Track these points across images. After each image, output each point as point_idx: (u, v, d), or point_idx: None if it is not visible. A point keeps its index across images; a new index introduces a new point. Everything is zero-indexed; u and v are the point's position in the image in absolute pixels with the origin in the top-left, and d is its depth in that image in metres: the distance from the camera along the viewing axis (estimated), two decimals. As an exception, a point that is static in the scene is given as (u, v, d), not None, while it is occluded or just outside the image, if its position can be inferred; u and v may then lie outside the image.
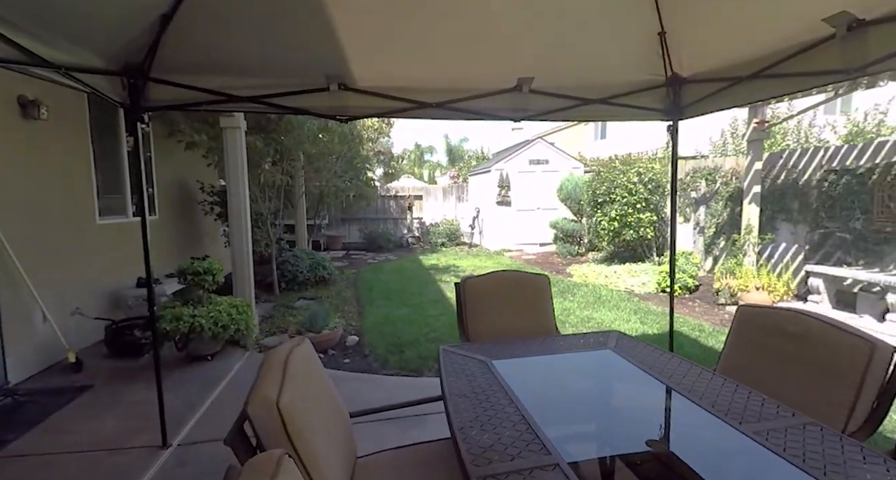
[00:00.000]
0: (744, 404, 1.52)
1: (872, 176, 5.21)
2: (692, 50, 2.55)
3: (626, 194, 7.41)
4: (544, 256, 10.49)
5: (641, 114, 3.05)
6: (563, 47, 2.58)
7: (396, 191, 13.44)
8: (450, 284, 7.27)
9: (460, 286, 2.66)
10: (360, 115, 2.74)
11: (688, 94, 2.87)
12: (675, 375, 1.82)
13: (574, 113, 2.98)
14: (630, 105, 2.95)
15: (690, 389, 1.66)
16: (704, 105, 2.82)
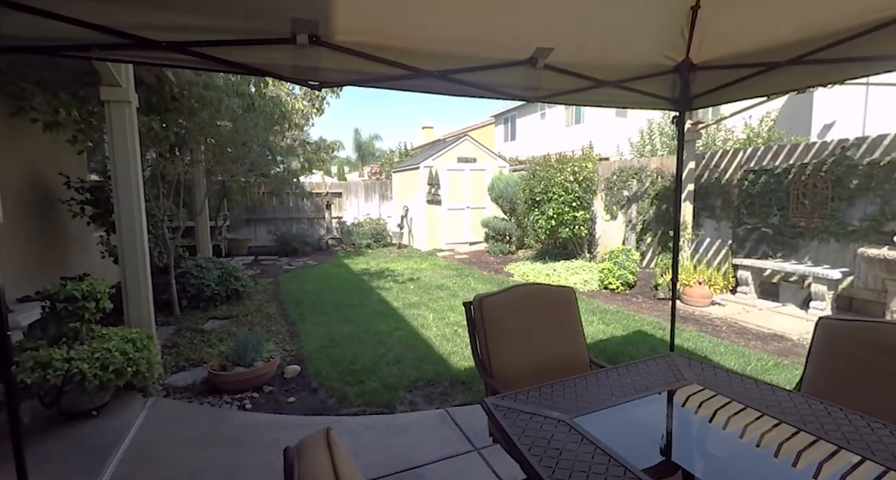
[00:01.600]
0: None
1: (788, 175, 5.70)
2: (724, 28, 2.27)
3: (563, 193, 7.39)
4: (476, 255, 10.24)
5: (649, 102, 2.75)
6: (586, 16, 2.14)
7: (313, 188, 12.21)
8: (390, 291, 6.58)
9: (475, 307, 2.09)
10: (336, 82, 2.02)
11: (700, 83, 2.62)
12: (785, 408, 1.47)
13: (586, 96, 2.57)
14: (643, 91, 2.62)
15: (823, 428, 1.32)
16: (719, 95, 2.60)
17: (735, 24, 2.23)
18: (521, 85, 2.32)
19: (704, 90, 2.64)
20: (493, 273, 8.07)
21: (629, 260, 6.49)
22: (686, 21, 2.24)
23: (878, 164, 4.83)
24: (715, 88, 2.57)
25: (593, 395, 1.64)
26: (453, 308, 5.58)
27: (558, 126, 19.97)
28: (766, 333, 4.59)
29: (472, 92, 2.23)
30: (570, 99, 2.59)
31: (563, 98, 2.56)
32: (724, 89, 2.55)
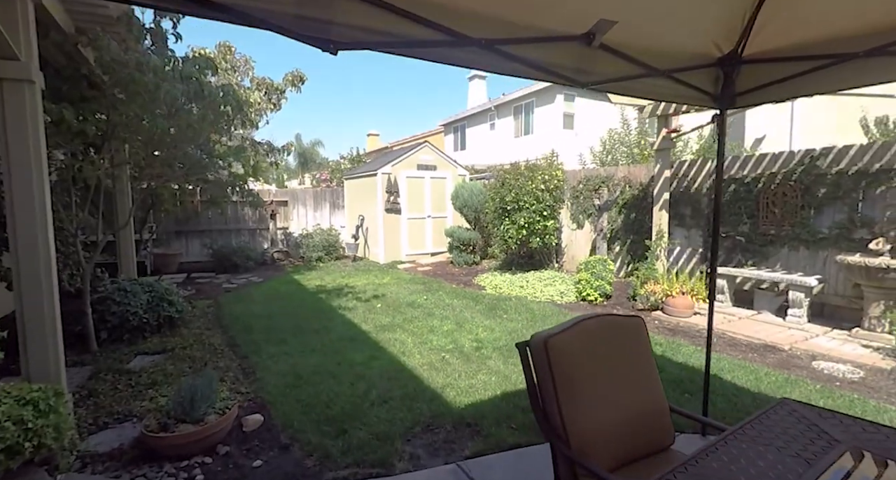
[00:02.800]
0: None
1: (758, 184, 5.79)
2: (794, 13, 1.98)
3: (534, 201, 7.12)
4: (440, 266, 9.73)
5: (691, 96, 2.43)
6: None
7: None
8: (356, 311, 5.89)
9: (536, 350, 1.59)
10: (353, 42, 1.45)
11: (748, 78, 2.34)
12: None
13: (633, 85, 2.21)
14: (689, 83, 2.30)
15: None
16: (769, 92, 2.33)
17: (808, 8, 1.94)
18: (572, 66, 1.89)
19: (752, 86, 2.36)
20: (464, 286, 7.61)
21: (606, 271, 6.31)
22: (752, 2, 1.93)
23: (846, 174, 4.98)
24: (766, 84, 2.30)
25: (727, 468, 1.19)
26: (433, 329, 5.02)
27: (508, 136, 20.11)
28: (758, 344, 4.50)
29: (519, 70, 1.76)
30: (618, 86, 2.22)
31: (612, 86, 2.17)
32: (776, 86, 2.28)
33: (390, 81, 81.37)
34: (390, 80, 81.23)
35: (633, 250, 7.35)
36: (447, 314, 5.63)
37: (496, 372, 3.80)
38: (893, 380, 3.53)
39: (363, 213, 10.99)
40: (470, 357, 4.17)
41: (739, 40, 2.15)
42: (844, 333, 4.65)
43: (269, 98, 5.91)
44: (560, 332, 1.62)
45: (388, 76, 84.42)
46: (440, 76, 75.55)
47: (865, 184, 4.86)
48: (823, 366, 3.85)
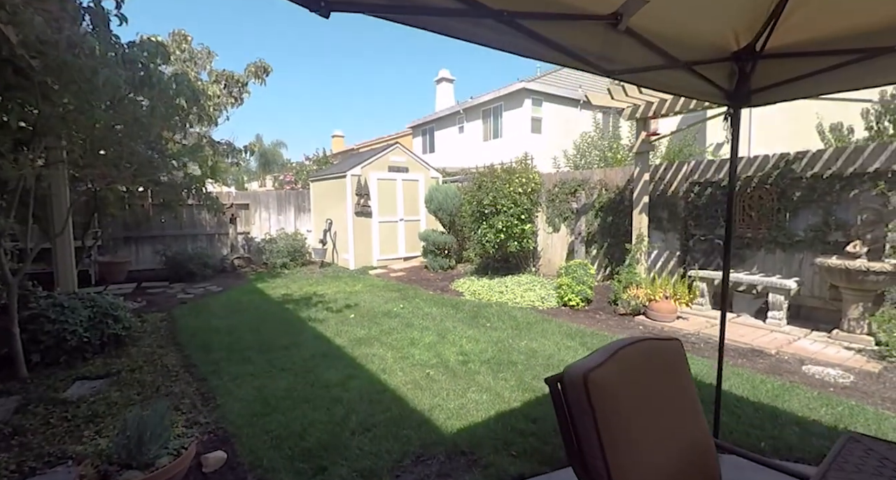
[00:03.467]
0: None
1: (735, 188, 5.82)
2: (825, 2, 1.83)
3: (512, 205, 6.94)
4: (414, 271, 9.39)
5: (705, 92, 2.25)
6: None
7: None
8: (327, 324, 5.48)
9: (574, 387, 1.31)
10: (347, 3, 1.13)
11: (765, 74, 2.19)
12: None
13: (652, 77, 1.99)
14: (707, 78, 2.11)
15: None
16: (788, 90, 2.18)
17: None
18: (596, 52, 1.65)
19: (769, 83, 2.21)
20: (441, 292, 7.31)
21: (587, 275, 6.19)
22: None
23: (821, 177, 5.06)
24: (785, 81, 2.15)
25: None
26: (414, 342, 4.70)
27: (477, 140, 20.03)
28: (744, 348, 4.46)
29: (539, 51, 1.50)
30: (638, 78, 2.03)
31: (634, 77, 1.97)
32: (795, 83, 2.13)
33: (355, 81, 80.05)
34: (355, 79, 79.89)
35: (611, 253, 7.30)
36: (427, 324, 5.31)
37: (487, 390, 3.52)
38: (884, 384, 3.52)
39: (331, 217, 10.50)
40: (457, 372, 3.88)
41: (760, 32, 1.98)
42: (824, 335, 4.69)
43: (230, 91, 5.35)
44: (599, 365, 1.35)
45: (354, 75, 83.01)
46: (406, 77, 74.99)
47: (839, 187, 4.94)
48: (814, 371, 3.82)
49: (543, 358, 4.16)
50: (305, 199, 12.09)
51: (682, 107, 5.32)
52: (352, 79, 78.95)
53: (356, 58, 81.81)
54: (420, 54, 69.87)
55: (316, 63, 77.30)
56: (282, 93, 75.19)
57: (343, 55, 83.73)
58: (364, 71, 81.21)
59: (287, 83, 72.01)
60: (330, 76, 79.68)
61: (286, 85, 74.11)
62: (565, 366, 1.39)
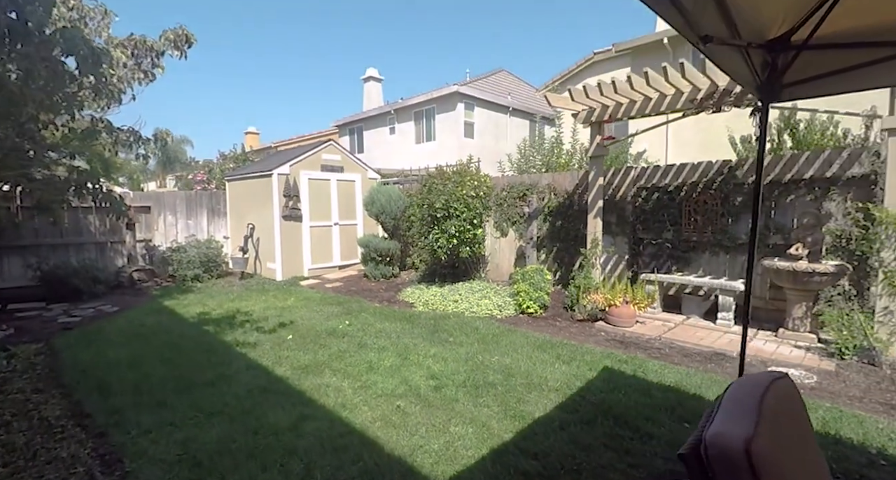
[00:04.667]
0: None
1: (680, 193, 5.99)
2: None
3: (465, 209, 6.58)
4: (353, 281, 8.63)
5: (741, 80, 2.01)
6: None
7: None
8: (261, 349, 4.64)
9: (731, 464, 0.91)
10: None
11: (802, 66, 2.00)
12: None
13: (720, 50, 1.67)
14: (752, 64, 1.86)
15: None
16: (826, 84, 2.01)
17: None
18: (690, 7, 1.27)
19: (805, 77, 2.03)
20: (389, 304, 6.69)
21: (544, 281, 6.00)
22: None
23: (762, 183, 5.32)
24: (824, 74, 1.98)
25: None
26: (372, 366, 4.08)
27: (408, 141, 19.55)
28: (707, 352, 4.48)
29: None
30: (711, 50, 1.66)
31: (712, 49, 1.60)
32: (835, 77, 1.97)
33: (269, 75, 75.24)
34: (269, 73, 75.09)
35: (560, 258, 7.23)
36: (383, 343, 4.71)
37: (471, 420, 3.06)
38: (844, 383, 3.65)
39: (253, 221, 9.35)
40: (431, 401, 3.36)
41: (806, 19, 1.77)
42: (771, 334, 4.90)
43: (139, 63, 4.21)
44: (755, 429, 0.96)
45: (268, 68, 77.94)
46: (328, 73, 72.06)
47: (778, 193, 5.23)
48: (779, 373, 3.88)
49: (522, 377, 3.79)
50: (221, 201, 10.71)
51: (638, 111, 5.33)
52: (265, 73, 73.95)
53: (270, 50, 76.93)
54: (341, 51, 67.60)
55: (224, 54, 71.26)
56: (185, 85, 68.31)
57: (254, 47, 78.23)
58: (278, 64, 76.53)
59: (191, 74, 65.49)
60: (239, 68, 73.90)
61: (190, 76, 67.35)
62: (705, 433, 0.98)
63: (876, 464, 2.53)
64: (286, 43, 78.99)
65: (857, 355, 3.98)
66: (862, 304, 4.65)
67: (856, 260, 4.69)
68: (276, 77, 74.23)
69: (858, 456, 2.60)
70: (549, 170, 9.27)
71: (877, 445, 2.73)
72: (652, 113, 5.28)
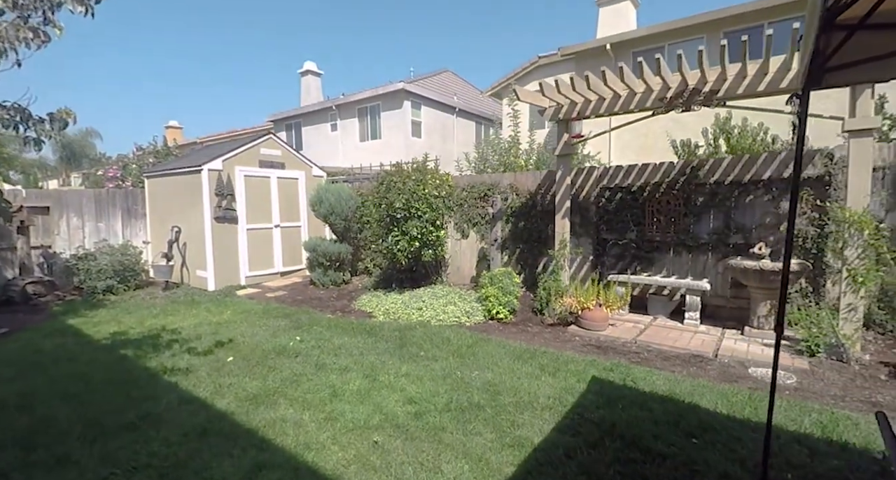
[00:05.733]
0: None
1: (643, 193, 5.98)
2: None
3: (428, 209, 6.13)
4: (299, 289, 7.83)
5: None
6: None
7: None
8: (195, 376, 3.89)
9: None
10: None
11: (857, 48, 1.79)
12: None
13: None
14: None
15: None
16: (878, 68, 1.82)
17: None
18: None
19: (855, 59, 1.83)
20: (343, 314, 6.06)
21: (513, 284, 5.71)
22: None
23: (723, 184, 5.41)
24: (878, 57, 1.78)
25: None
26: (336, 391, 3.50)
27: (353, 139, 18.69)
28: (684, 354, 4.40)
29: None
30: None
31: None
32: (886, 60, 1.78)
33: (193, 67, 69.56)
34: (193, 65, 69.41)
35: (523, 260, 7.01)
36: (345, 362, 4.13)
37: (465, 454, 2.62)
38: (822, 381, 3.67)
39: (179, 224, 8.23)
40: (413, 433, 2.88)
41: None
42: (737, 333, 4.95)
43: (25, 16, 3.17)
44: None
45: (190, 52, 71.91)
46: (261, 65, 67.91)
47: (738, 193, 5.33)
48: (760, 374, 3.86)
49: (509, 394, 3.42)
50: (139, 201, 9.38)
51: (607, 109, 5.20)
52: (187, 56, 68.10)
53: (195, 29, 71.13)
54: (276, 41, 64.05)
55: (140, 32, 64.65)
56: (90, 71, 61.27)
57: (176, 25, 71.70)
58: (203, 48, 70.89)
59: (99, 60, 58.77)
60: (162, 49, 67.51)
61: (99, 62, 60.39)
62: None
63: (888, 472, 2.44)
64: (212, 23, 73.48)
65: (826, 352, 4.06)
66: (818, 301, 4.83)
67: (811, 258, 4.87)
68: (200, 62, 68.67)
69: (871, 464, 2.50)
70: (506, 170, 9.06)
71: (875, 446, 2.67)
72: (621, 111, 5.17)
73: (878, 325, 4.51)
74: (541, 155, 9.27)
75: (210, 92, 67.12)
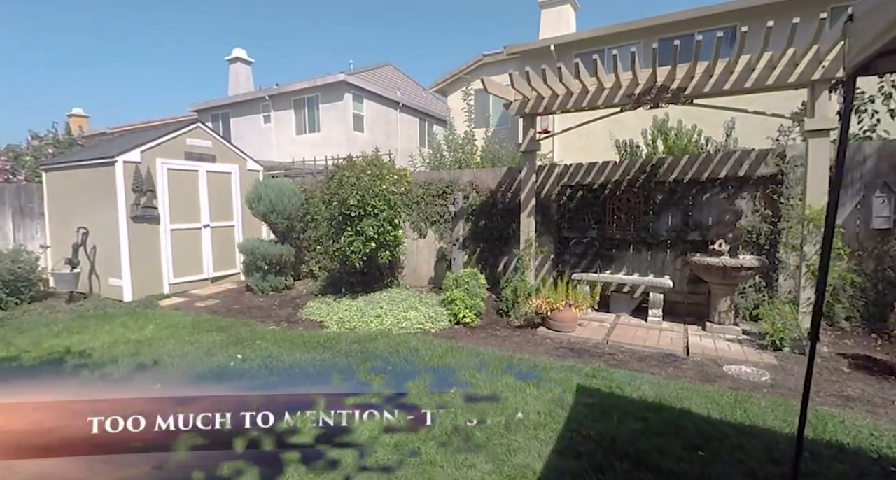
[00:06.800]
0: None
1: (604, 191, 5.93)
2: None
3: (385, 206, 5.65)
4: (233, 296, 6.96)
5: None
6: None
7: None
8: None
9: None
10: None
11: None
12: None
13: None
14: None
15: None
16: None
17: None
18: None
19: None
20: (290, 324, 5.40)
21: (479, 286, 5.41)
22: None
23: (682, 182, 5.48)
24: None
25: None
26: (297, 421, 2.96)
27: (288, 132, 17.50)
28: (656, 353, 4.34)
29: None
30: None
31: None
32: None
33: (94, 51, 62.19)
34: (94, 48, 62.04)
35: (485, 259, 6.75)
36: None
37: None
38: (793, 376, 3.73)
39: (87, 224, 7.02)
40: (398, 472, 2.44)
41: None
42: (698, 329, 5.01)
43: None
44: None
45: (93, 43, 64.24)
46: (184, 51, 62.23)
47: (695, 191, 5.43)
48: (734, 371, 3.85)
49: (497, 412, 3.07)
50: (35, 198, 7.94)
51: (574, 104, 5.05)
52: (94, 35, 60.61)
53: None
54: (204, 25, 58.97)
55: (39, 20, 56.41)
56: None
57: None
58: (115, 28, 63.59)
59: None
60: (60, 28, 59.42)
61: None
62: None
63: (888, 472, 2.42)
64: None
65: (790, 346, 4.17)
66: (771, 296, 5.02)
67: (764, 253, 5.04)
68: (111, 45, 61.56)
69: (871, 465, 2.47)
70: (461, 167, 8.75)
71: (867, 445, 2.67)
72: (588, 107, 5.05)
73: (827, 317, 4.75)
74: (496, 153, 9.08)
75: (117, 75, 60.38)
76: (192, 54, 61.50)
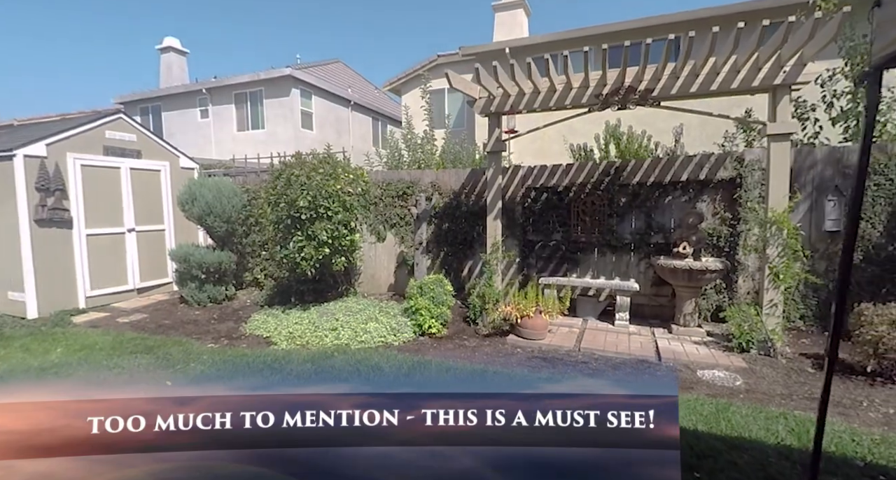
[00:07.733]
0: None
1: (569, 193, 5.82)
2: None
3: (340, 208, 5.18)
4: (164, 310, 6.15)
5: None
6: None
7: None
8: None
9: None
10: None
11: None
12: None
13: None
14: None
15: None
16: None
17: None
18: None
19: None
20: (230, 341, 4.78)
21: (445, 293, 5.08)
22: None
23: (645, 185, 5.46)
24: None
25: None
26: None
27: (228, 128, 16.31)
28: (629, 359, 4.23)
29: None
30: None
31: None
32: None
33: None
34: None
35: (448, 264, 6.43)
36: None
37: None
38: (765, 380, 3.72)
39: (-21, 229, 5.94)
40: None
41: None
42: (664, 331, 4.99)
43: None
44: None
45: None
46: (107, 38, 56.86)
47: (658, 194, 5.43)
48: (708, 377, 3.79)
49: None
50: None
51: (541, 104, 4.87)
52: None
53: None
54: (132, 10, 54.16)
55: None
56: None
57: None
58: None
59: None
60: (-48, 16, 51.74)
61: None
62: None
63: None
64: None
65: (756, 348, 4.19)
66: (731, 297, 5.10)
67: (724, 255, 5.12)
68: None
69: (860, 476, 2.40)
70: (420, 167, 8.40)
71: (851, 453, 2.63)
72: (555, 106, 4.89)
73: (785, 318, 4.88)
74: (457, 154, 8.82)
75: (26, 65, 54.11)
76: (115, 45, 56.01)
